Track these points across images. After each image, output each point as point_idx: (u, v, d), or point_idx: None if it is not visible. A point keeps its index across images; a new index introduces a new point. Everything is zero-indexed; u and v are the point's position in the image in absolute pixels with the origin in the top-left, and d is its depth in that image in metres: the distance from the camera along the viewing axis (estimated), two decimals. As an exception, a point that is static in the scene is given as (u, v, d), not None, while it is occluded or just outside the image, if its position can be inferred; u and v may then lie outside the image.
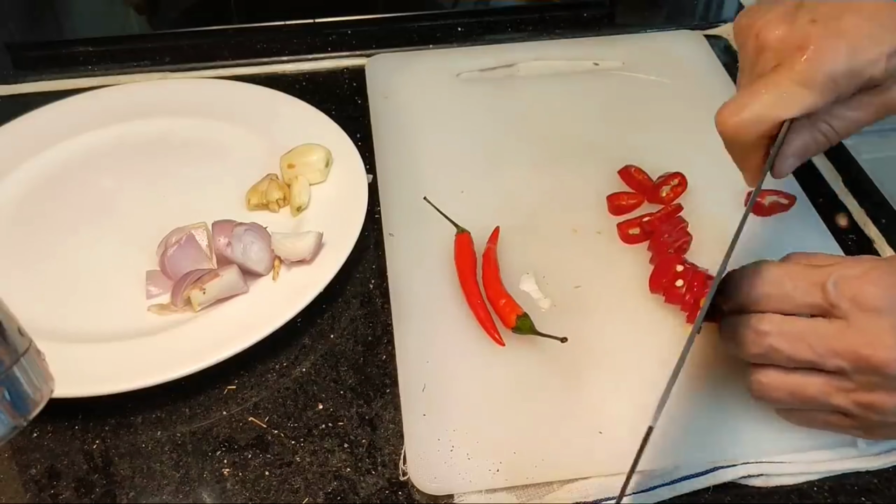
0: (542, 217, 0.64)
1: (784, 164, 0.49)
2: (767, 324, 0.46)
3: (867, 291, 0.43)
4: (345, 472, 0.50)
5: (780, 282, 0.47)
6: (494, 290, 0.57)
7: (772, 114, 0.46)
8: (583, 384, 0.53)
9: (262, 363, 0.56)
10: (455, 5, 0.88)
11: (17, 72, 0.81)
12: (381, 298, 0.60)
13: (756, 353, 0.47)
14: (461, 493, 0.48)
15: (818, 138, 0.49)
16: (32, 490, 0.50)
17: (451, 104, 0.76)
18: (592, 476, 0.49)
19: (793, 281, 0.46)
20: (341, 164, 0.67)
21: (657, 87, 0.77)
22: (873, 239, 0.64)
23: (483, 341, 0.56)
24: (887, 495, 0.49)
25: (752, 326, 0.47)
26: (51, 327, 0.56)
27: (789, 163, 0.49)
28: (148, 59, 0.82)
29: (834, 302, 0.44)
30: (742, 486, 0.49)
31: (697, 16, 0.88)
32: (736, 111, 0.47)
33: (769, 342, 0.46)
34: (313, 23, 0.86)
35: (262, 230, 0.60)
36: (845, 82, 0.46)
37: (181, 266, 0.59)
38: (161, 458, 0.51)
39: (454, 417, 0.52)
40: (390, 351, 0.56)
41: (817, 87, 0.45)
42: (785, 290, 0.46)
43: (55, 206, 0.67)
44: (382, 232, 0.64)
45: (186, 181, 0.68)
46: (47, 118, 0.72)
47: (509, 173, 0.68)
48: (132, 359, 0.54)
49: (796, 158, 0.50)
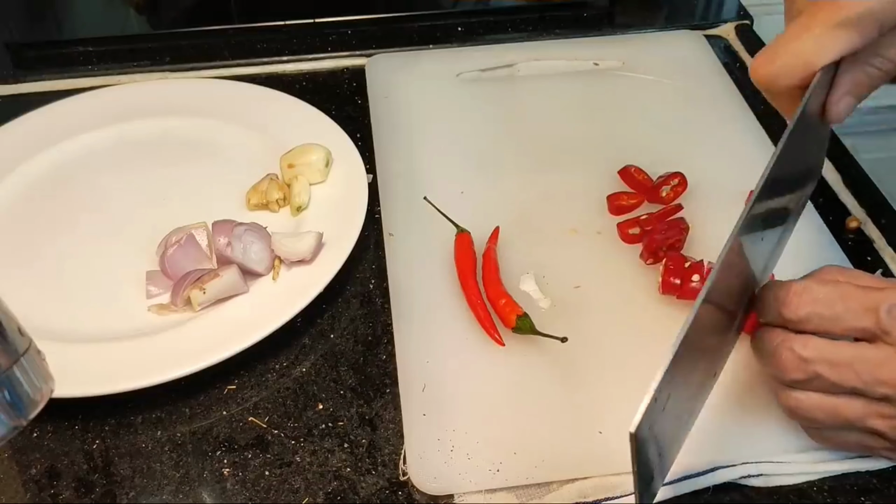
0: (542, 217, 0.64)
1: (839, 107, 0.46)
2: (813, 350, 0.44)
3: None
4: (345, 472, 0.50)
5: (832, 303, 0.44)
6: (494, 290, 0.57)
7: (804, 61, 0.43)
8: (583, 384, 0.53)
9: (262, 363, 0.56)
10: (455, 5, 0.88)
11: (17, 72, 0.81)
12: (381, 298, 0.60)
13: (798, 378, 0.44)
14: (461, 493, 0.48)
15: (871, 72, 0.46)
16: (32, 490, 0.50)
17: (451, 104, 0.76)
18: (592, 476, 0.49)
19: (845, 303, 0.44)
20: (341, 164, 0.67)
21: (657, 87, 0.77)
22: (873, 239, 0.64)
23: (483, 341, 0.56)
24: (887, 495, 0.49)
25: (795, 351, 0.44)
26: (51, 327, 0.56)
27: (844, 103, 0.47)
28: (148, 59, 0.82)
29: (887, 329, 0.42)
30: (742, 486, 0.49)
31: (697, 16, 0.88)
32: (767, 60, 0.45)
33: (814, 369, 0.44)
34: (313, 23, 0.86)
35: (262, 230, 0.60)
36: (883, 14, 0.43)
37: (181, 266, 0.59)
38: (161, 458, 0.51)
39: (454, 417, 0.52)
40: (390, 351, 0.56)
41: (853, 25, 0.42)
42: (836, 311, 0.44)
43: (55, 205, 0.67)
44: (382, 232, 0.64)
45: (186, 181, 0.68)
46: (47, 118, 0.72)
47: (509, 173, 0.68)
48: (132, 359, 0.54)
49: (851, 97, 0.47)
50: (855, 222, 0.65)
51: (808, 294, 0.45)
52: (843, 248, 0.62)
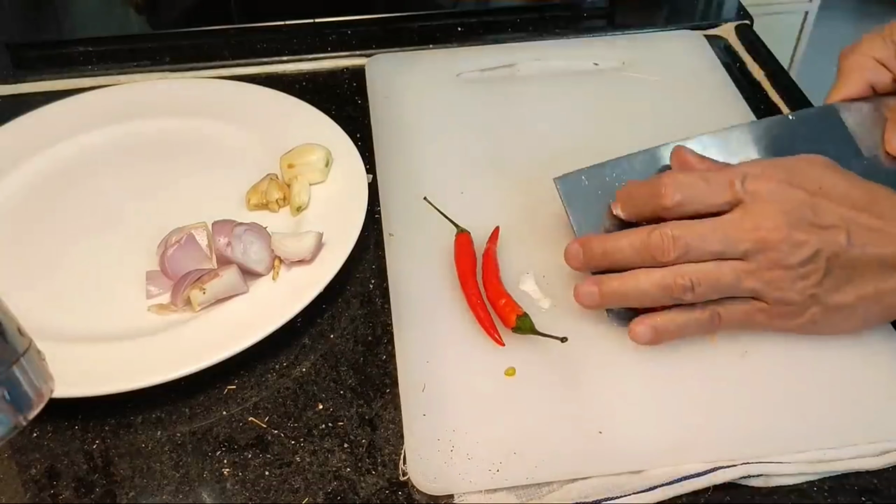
0: (543, 217, 0.64)
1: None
2: (680, 227, 0.51)
3: (764, 186, 0.51)
4: (345, 472, 0.50)
5: (697, 184, 0.52)
6: (494, 290, 0.57)
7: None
8: (583, 384, 0.53)
9: (262, 363, 0.56)
10: (455, 5, 0.88)
11: (17, 72, 0.81)
12: (381, 298, 0.60)
13: (673, 255, 0.51)
14: (461, 493, 0.48)
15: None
16: (32, 490, 0.50)
17: (451, 104, 0.76)
18: (592, 476, 0.49)
19: (707, 183, 0.52)
20: (341, 164, 0.67)
21: (657, 87, 0.77)
22: (873, 239, 0.64)
23: (483, 341, 0.56)
24: (887, 495, 0.49)
25: (667, 233, 0.51)
26: (51, 327, 0.56)
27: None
28: (148, 59, 0.82)
29: (740, 197, 0.51)
30: (742, 486, 0.49)
31: (697, 16, 0.88)
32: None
33: (685, 242, 0.50)
34: (313, 23, 0.86)
35: (262, 230, 0.60)
36: None
37: (181, 266, 0.59)
38: (161, 458, 0.51)
39: (454, 417, 0.52)
40: (390, 351, 0.56)
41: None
42: (701, 190, 0.52)
43: (55, 205, 0.67)
44: (382, 232, 0.64)
45: (186, 181, 0.68)
46: (47, 118, 0.72)
47: (509, 173, 0.68)
48: (132, 359, 0.54)
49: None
50: None
51: (676, 182, 0.52)
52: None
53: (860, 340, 0.55)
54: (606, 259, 0.54)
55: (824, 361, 0.54)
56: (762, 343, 0.55)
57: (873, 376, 0.54)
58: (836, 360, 0.54)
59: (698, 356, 0.55)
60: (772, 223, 0.50)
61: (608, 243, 0.53)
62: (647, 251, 0.52)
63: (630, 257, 0.52)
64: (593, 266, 0.55)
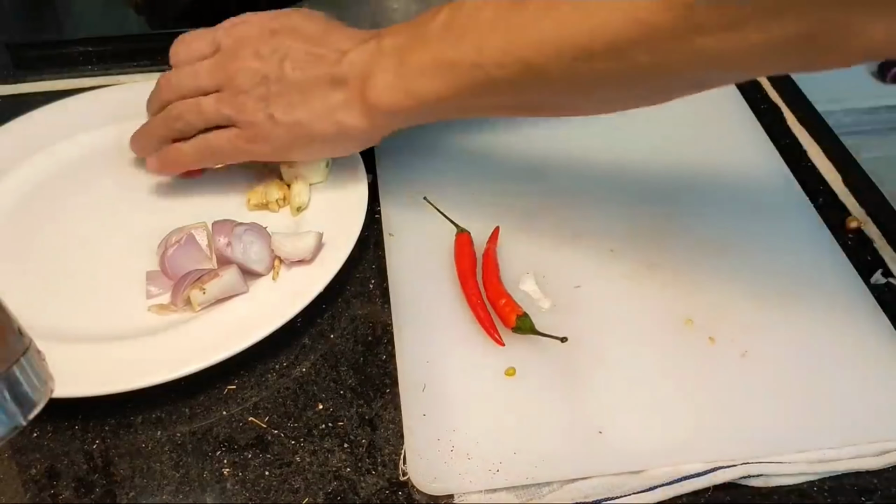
0: (543, 217, 0.64)
1: None
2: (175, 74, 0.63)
3: (239, 30, 0.61)
4: (345, 472, 0.50)
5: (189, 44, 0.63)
6: (494, 290, 0.57)
7: None
8: (583, 384, 0.53)
9: (262, 363, 0.56)
10: (455, 5, 0.88)
11: (17, 72, 0.81)
12: (381, 298, 0.60)
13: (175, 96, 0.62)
14: (461, 493, 0.48)
15: None
16: (32, 490, 0.50)
17: (451, 104, 0.75)
18: (592, 476, 0.49)
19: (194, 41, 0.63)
20: (341, 164, 0.67)
21: (657, 86, 0.77)
22: (873, 239, 0.64)
23: (483, 341, 0.56)
24: (887, 495, 0.49)
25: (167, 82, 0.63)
26: (51, 327, 0.56)
27: None
28: (148, 59, 0.82)
29: (219, 45, 0.61)
30: (742, 486, 0.49)
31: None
32: None
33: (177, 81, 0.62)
34: (313, 23, 0.85)
35: (262, 230, 0.60)
36: None
37: (181, 266, 0.59)
38: (161, 458, 0.51)
39: (454, 417, 0.52)
40: (390, 351, 0.56)
41: None
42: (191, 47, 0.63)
43: (55, 205, 0.67)
44: (382, 232, 0.64)
45: (186, 181, 0.68)
46: (47, 118, 0.72)
47: (509, 173, 0.68)
48: (132, 359, 0.54)
49: None
50: (855, 222, 0.65)
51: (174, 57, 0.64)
52: (843, 248, 0.62)
53: (860, 340, 0.55)
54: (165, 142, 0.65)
55: (824, 361, 0.54)
56: (762, 343, 0.55)
57: (873, 376, 0.54)
58: (836, 360, 0.54)
59: (698, 356, 0.55)
60: (233, 56, 0.60)
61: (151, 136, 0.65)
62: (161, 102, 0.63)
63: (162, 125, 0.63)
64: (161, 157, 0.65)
